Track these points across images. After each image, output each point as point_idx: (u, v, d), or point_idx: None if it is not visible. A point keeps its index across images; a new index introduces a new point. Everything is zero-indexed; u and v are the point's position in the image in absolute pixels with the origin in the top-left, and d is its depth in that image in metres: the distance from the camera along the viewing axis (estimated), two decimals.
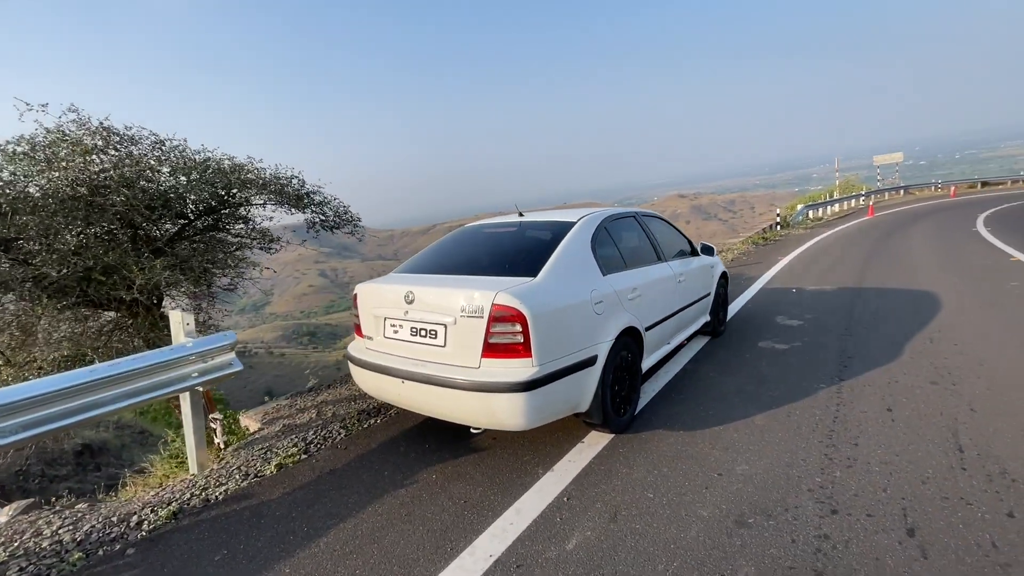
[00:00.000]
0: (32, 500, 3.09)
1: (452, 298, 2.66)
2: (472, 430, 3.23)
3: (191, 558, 2.31)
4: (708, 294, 4.75)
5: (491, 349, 2.54)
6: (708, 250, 4.75)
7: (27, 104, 4.01)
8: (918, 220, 16.20)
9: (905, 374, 3.76)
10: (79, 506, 2.95)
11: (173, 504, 2.76)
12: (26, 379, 3.65)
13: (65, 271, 3.47)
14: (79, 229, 3.69)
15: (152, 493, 3.01)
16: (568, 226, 3.22)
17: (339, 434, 3.54)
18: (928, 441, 2.78)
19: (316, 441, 3.44)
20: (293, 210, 5.18)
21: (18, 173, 3.64)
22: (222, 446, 3.64)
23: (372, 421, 3.72)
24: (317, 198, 5.26)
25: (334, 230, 5.42)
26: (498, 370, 2.52)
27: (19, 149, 3.96)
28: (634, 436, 3.11)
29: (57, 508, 2.92)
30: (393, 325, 2.95)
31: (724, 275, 5.22)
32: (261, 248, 5.20)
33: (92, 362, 3.83)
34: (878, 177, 30.59)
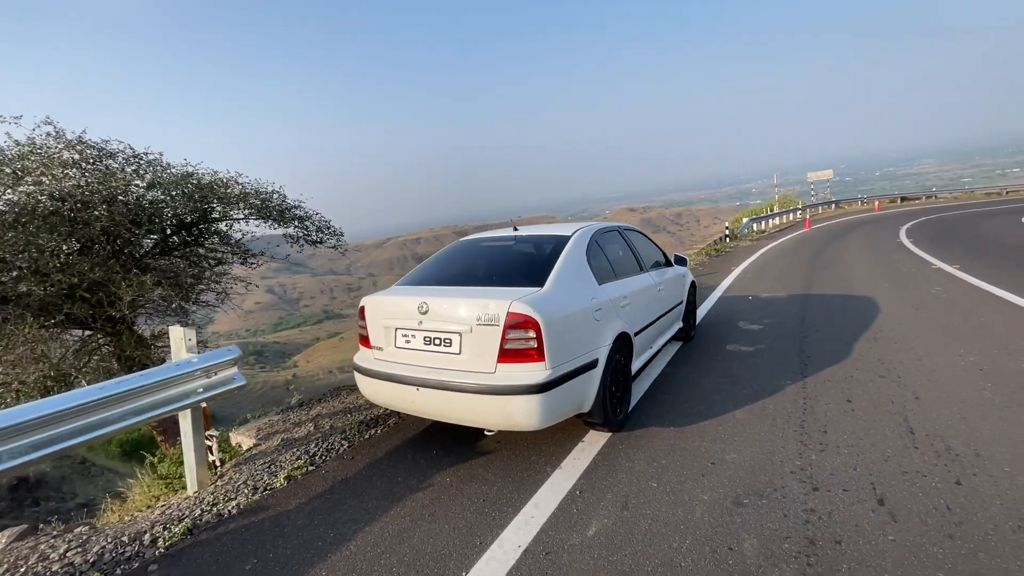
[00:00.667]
0: (25, 527, 2.97)
1: (467, 308, 2.82)
2: (486, 432, 3.36)
3: (220, 569, 2.33)
4: (681, 302, 5.11)
5: (506, 355, 2.72)
6: (681, 261, 5.13)
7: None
8: (850, 232, 17.65)
9: (858, 370, 4.22)
10: (78, 529, 2.87)
11: (185, 520, 2.75)
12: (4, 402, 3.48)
13: (51, 288, 3.36)
14: (62, 245, 3.56)
15: (158, 512, 2.95)
16: (564, 240, 3.46)
17: (342, 445, 3.58)
18: (884, 426, 3.18)
19: (320, 453, 3.48)
20: (276, 225, 5.17)
21: None
22: (218, 463, 3.59)
23: (373, 432, 3.78)
24: (299, 212, 5.26)
25: (317, 244, 5.44)
26: (514, 374, 2.70)
27: None
28: (629, 434, 3.35)
29: (55, 532, 2.83)
30: (405, 335, 3.07)
31: (693, 284, 5.62)
32: (242, 263, 5.14)
33: (75, 383, 3.69)
34: (812, 192, 33.01)
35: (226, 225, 4.99)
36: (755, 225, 20.93)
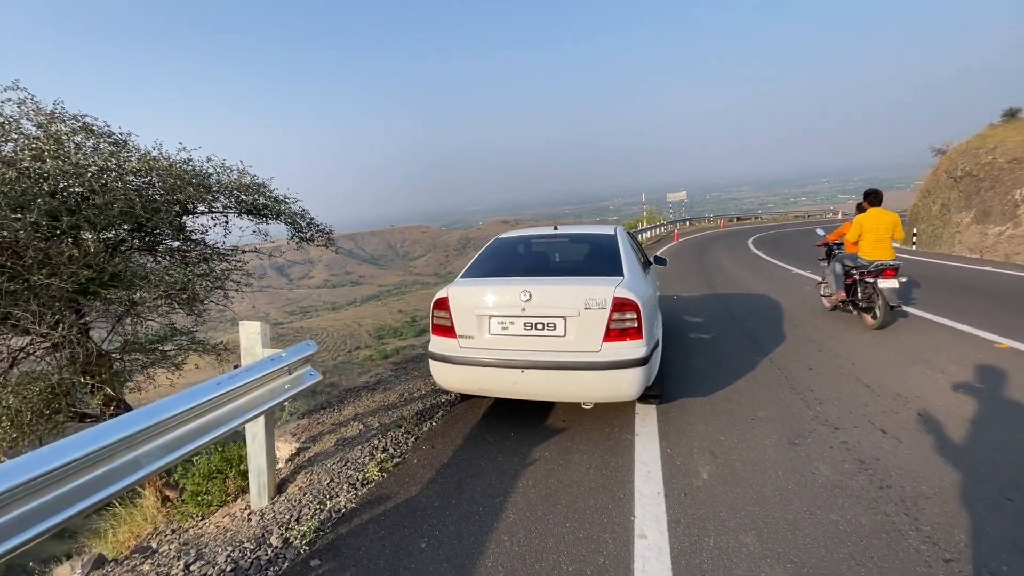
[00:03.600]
0: (97, 553, 2.51)
1: (574, 295, 3.13)
2: (583, 405, 3.62)
3: (394, 553, 2.33)
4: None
5: (611, 334, 3.09)
6: (660, 261, 5.91)
7: None
8: (711, 244, 20.79)
9: (800, 347, 5.33)
10: (165, 544, 2.54)
11: (307, 520, 2.62)
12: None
13: (66, 281, 2.82)
14: (81, 232, 2.99)
15: (255, 521, 2.73)
16: (612, 237, 3.94)
17: (407, 438, 3.59)
18: (846, 383, 4.17)
19: (391, 446, 3.45)
20: (265, 221, 4.81)
21: None
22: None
23: (428, 424, 3.83)
24: (294, 207, 4.95)
25: (308, 242, 5.13)
26: (619, 351, 3.08)
27: None
28: (670, 405, 3.91)
29: (138, 559, 2.47)
30: (501, 322, 3.25)
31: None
32: (226, 261, 4.67)
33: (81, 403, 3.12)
34: (670, 210, 37.90)
35: (212, 219, 4.51)
36: (638, 237, 23.50)
